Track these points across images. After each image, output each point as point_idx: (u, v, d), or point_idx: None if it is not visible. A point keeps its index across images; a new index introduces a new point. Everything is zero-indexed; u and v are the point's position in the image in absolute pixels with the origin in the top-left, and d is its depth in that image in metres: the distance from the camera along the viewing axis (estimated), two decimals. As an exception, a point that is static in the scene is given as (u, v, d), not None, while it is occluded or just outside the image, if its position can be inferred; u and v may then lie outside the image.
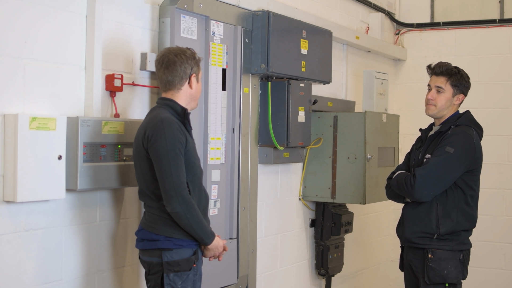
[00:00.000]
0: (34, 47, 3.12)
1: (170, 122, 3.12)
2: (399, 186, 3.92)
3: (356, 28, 6.13)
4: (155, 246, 3.17)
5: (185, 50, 3.27)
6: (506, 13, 6.62)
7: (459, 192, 3.87)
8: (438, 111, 3.97)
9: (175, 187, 3.08)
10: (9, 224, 3.02)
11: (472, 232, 3.98)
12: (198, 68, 3.31)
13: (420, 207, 3.91)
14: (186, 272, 3.16)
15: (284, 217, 5.06)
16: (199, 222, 3.15)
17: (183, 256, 3.16)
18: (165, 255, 3.15)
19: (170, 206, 3.09)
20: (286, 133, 4.56)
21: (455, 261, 3.85)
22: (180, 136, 3.12)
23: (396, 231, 4.12)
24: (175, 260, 3.15)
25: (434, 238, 3.85)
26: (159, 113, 3.18)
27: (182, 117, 3.23)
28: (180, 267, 3.15)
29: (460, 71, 3.98)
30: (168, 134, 3.08)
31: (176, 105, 3.24)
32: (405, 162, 4.17)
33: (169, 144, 3.08)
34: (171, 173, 3.07)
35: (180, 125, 3.18)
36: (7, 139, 2.97)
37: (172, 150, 3.08)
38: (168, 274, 3.14)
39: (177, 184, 3.08)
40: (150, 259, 3.20)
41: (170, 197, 3.08)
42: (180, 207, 3.08)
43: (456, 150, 3.80)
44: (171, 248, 3.15)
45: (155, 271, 3.18)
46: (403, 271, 4.11)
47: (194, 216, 3.13)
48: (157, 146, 3.09)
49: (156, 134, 3.09)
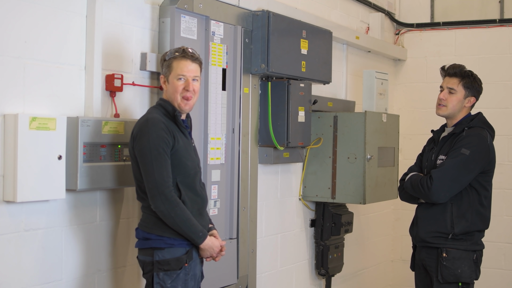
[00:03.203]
0: (34, 47, 3.12)
1: (155, 122, 3.13)
2: (414, 188, 3.94)
3: (356, 28, 6.13)
4: (148, 245, 3.19)
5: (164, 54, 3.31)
6: (506, 13, 6.62)
7: (473, 193, 3.90)
8: (449, 112, 3.99)
9: (158, 186, 3.08)
10: (9, 224, 3.02)
11: (484, 233, 4.01)
12: (169, 68, 3.25)
13: (434, 208, 3.93)
14: (176, 271, 3.15)
15: (284, 217, 5.06)
16: (186, 221, 3.13)
17: (175, 255, 3.16)
18: (157, 254, 3.15)
19: (154, 204, 3.11)
20: (286, 133, 4.56)
21: (469, 260, 3.88)
22: (165, 136, 3.12)
23: (410, 231, 4.14)
24: (165, 259, 3.15)
25: (449, 238, 3.88)
26: (148, 113, 3.23)
27: (172, 117, 3.24)
28: (169, 266, 3.14)
29: (473, 74, 4.01)
30: (151, 133, 3.10)
31: (167, 105, 3.25)
32: (417, 164, 4.19)
33: (152, 143, 3.09)
34: (153, 171, 3.08)
35: (169, 125, 3.18)
36: (7, 139, 2.97)
37: (154, 149, 3.09)
38: (158, 273, 3.14)
39: (159, 182, 3.08)
40: (144, 258, 3.21)
41: (152, 196, 3.10)
42: (163, 206, 3.08)
43: (472, 152, 3.82)
44: (162, 247, 3.15)
45: (147, 270, 3.20)
46: (414, 271, 4.13)
47: (180, 215, 3.11)
48: (140, 145, 3.11)
49: (140, 133, 3.13)
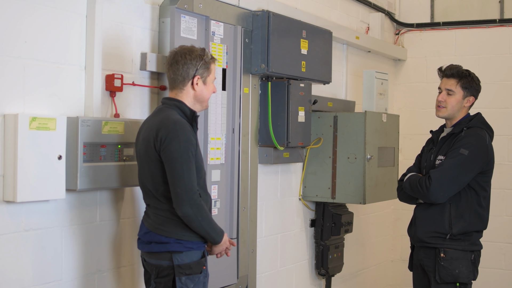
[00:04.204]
0: (34, 47, 3.12)
1: (183, 125, 3.09)
2: (413, 188, 3.94)
3: (356, 28, 6.13)
4: (165, 249, 3.13)
5: (193, 50, 3.23)
6: (506, 13, 6.61)
7: (472, 193, 3.90)
8: (449, 113, 3.99)
9: (187, 191, 3.05)
10: (9, 224, 3.02)
11: (482, 233, 4.01)
12: (207, 70, 3.24)
13: (432, 208, 3.93)
14: (197, 275, 3.14)
15: (284, 217, 5.06)
16: (210, 222, 3.15)
17: (193, 258, 3.14)
18: (176, 258, 3.11)
19: (181, 210, 3.06)
20: (286, 133, 4.56)
21: (466, 261, 3.88)
22: (192, 139, 3.10)
23: (408, 231, 4.14)
24: (186, 263, 3.12)
25: (447, 238, 3.88)
26: (170, 114, 3.14)
27: (190, 119, 3.21)
28: (191, 270, 3.12)
29: (471, 74, 4.01)
30: (181, 137, 3.05)
31: (184, 107, 3.21)
32: (416, 164, 4.19)
33: (183, 147, 3.04)
34: (183, 176, 3.04)
35: (190, 127, 3.16)
36: (7, 139, 2.97)
37: (185, 153, 3.05)
38: (180, 278, 3.10)
39: (189, 187, 3.05)
40: (159, 262, 3.15)
41: (181, 201, 3.05)
42: (191, 210, 3.05)
43: (470, 152, 3.82)
44: (181, 251, 3.12)
45: (165, 274, 3.13)
46: (412, 271, 4.13)
47: (205, 217, 3.11)
48: (170, 148, 3.04)
49: (170, 136, 3.05)
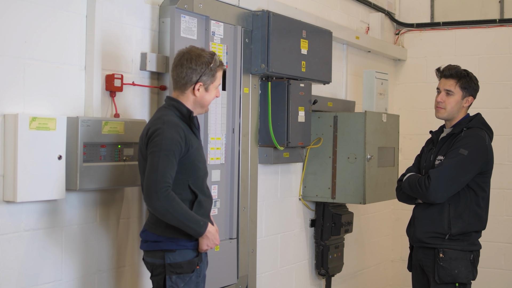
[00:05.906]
0: (34, 47, 3.12)
1: (173, 125, 3.08)
2: (412, 188, 3.94)
3: (356, 28, 6.13)
4: (158, 247, 3.14)
5: (201, 56, 3.19)
6: (506, 13, 6.61)
7: (471, 194, 3.90)
8: (448, 114, 3.99)
9: (157, 183, 2.96)
10: (9, 224, 3.02)
11: (481, 233, 4.01)
12: (212, 77, 3.21)
13: (432, 208, 3.93)
14: (188, 274, 3.13)
15: (284, 217, 5.06)
16: (185, 213, 3.04)
17: (186, 258, 3.13)
18: (168, 256, 3.12)
19: (149, 203, 2.99)
20: (286, 133, 4.56)
21: (465, 261, 3.88)
22: (179, 140, 3.07)
23: (407, 231, 4.14)
24: (177, 262, 3.11)
25: (445, 238, 3.88)
26: (164, 115, 3.15)
27: (187, 119, 3.20)
28: (182, 269, 3.12)
29: (469, 74, 4.00)
30: (167, 134, 3.04)
31: (182, 107, 3.20)
32: (415, 164, 4.19)
33: (164, 144, 3.02)
34: (157, 169, 2.98)
35: (184, 128, 3.14)
36: (7, 139, 2.97)
37: (165, 149, 3.01)
38: (171, 276, 3.10)
39: (159, 179, 2.97)
40: (153, 260, 3.17)
41: (149, 193, 2.97)
42: (159, 203, 2.97)
43: (470, 152, 3.82)
44: (173, 250, 3.12)
45: (157, 273, 3.15)
46: (411, 271, 4.13)
47: (177, 209, 3.00)
48: (152, 143, 3.05)
49: (156, 133, 3.06)
